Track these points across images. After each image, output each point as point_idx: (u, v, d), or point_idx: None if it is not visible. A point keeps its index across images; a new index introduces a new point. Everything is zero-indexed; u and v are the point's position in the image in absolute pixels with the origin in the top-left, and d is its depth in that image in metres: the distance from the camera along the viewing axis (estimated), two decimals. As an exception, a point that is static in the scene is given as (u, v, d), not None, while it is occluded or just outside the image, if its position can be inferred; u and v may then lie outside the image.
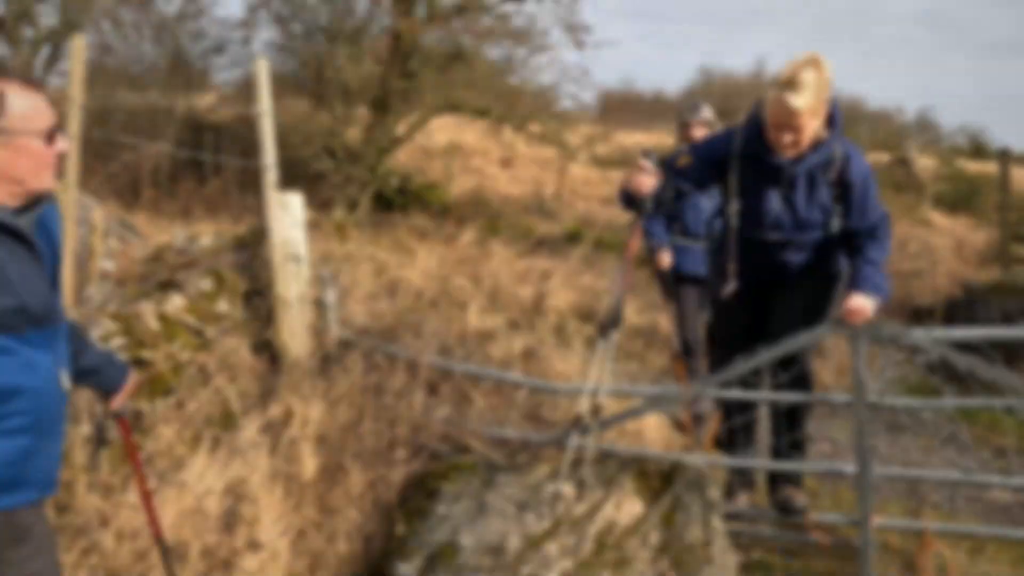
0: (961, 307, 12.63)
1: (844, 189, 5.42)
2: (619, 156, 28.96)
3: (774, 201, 5.54)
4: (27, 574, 3.29)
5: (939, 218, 24.32)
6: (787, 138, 5.22)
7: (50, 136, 3.23)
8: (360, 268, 11.04)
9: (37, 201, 3.29)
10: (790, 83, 5.08)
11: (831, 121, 5.38)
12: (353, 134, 20.10)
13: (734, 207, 5.71)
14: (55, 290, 3.40)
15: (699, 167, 5.71)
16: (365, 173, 19.55)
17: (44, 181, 3.27)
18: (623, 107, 43.96)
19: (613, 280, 6.09)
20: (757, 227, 5.66)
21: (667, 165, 5.74)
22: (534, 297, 12.68)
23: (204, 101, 24.37)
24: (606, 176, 26.76)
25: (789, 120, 5.14)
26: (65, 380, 3.41)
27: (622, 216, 20.83)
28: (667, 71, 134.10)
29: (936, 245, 19.01)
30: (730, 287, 5.75)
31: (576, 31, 19.92)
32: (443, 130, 25.55)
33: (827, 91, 5.22)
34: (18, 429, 3.16)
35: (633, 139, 32.18)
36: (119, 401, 4.04)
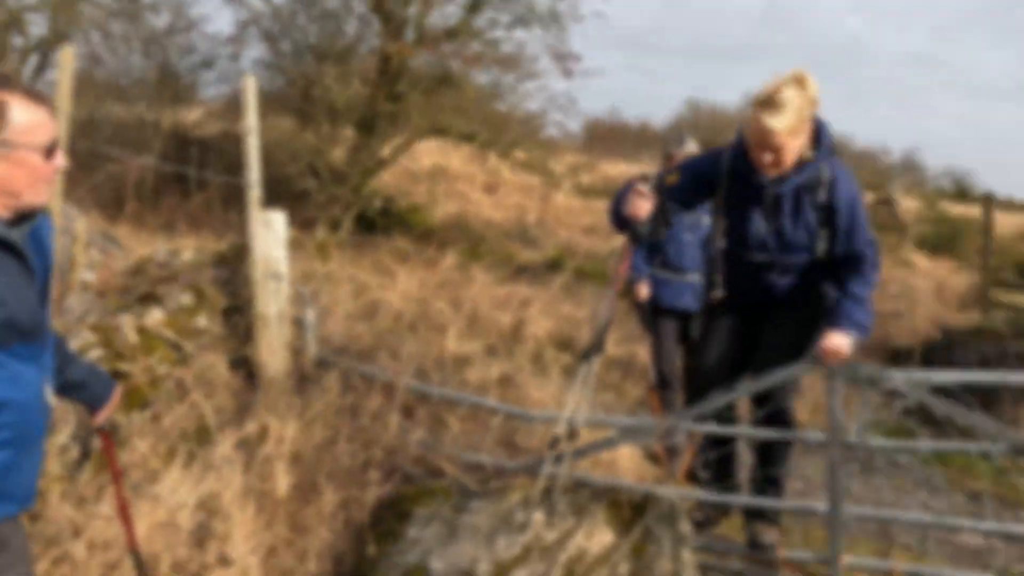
0: (939, 350, 12.69)
1: (829, 212, 5.35)
2: (603, 186, 29.04)
3: (759, 221, 5.51)
4: None
5: (921, 260, 24.43)
6: (767, 157, 5.18)
7: (50, 151, 3.21)
8: (340, 288, 11.08)
9: (31, 214, 3.27)
10: (768, 102, 5.06)
11: (818, 141, 5.33)
12: (338, 154, 20.08)
13: (720, 226, 5.73)
14: (45, 304, 3.39)
15: (687, 185, 5.68)
16: (349, 194, 19.52)
17: (40, 196, 3.24)
18: (609, 136, 44.04)
19: (600, 305, 6.11)
20: (743, 247, 5.63)
21: (656, 182, 5.68)
22: (513, 324, 12.71)
23: (191, 116, 24.39)
24: (589, 205, 26.82)
25: (767, 140, 5.10)
26: (49, 394, 3.40)
27: (603, 245, 20.91)
28: (654, 102, 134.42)
29: (917, 287, 19.10)
30: (718, 293, 5.76)
31: (564, 59, 20.02)
32: (428, 154, 25.59)
33: (810, 110, 5.16)
34: (2, 443, 3.16)
35: (618, 169, 32.24)
36: (104, 415, 4.05)
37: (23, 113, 3.12)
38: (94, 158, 15.82)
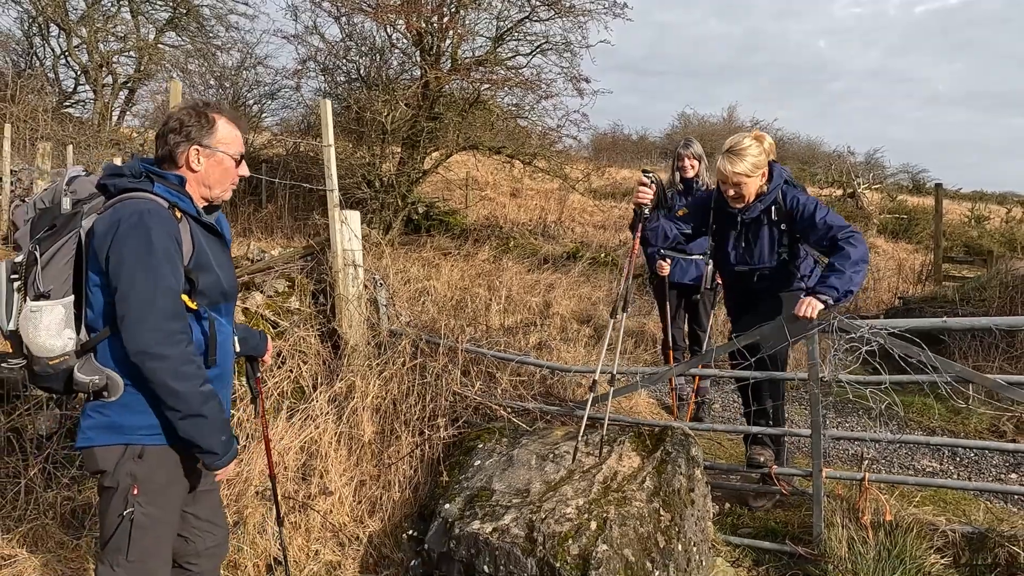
0: (899, 315, 12.93)
1: (789, 219, 5.94)
2: (611, 189, 29.28)
3: (733, 241, 6.22)
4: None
5: (883, 243, 24.64)
6: (731, 192, 5.93)
7: (239, 161, 3.69)
8: (395, 279, 11.40)
9: (215, 206, 3.74)
10: (730, 151, 5.84)
11: (770, 177, 5.97)
12: (387, 167, 20.40)
13: (713, 246, 6.48)
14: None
15: (693, 215, 6.39)
16: (397, 200, 19.89)
17: (225, 193, 3.73)
18: (612, 147, 44.28)
19: (622, 272, 6.53)
20: (728, 261, 6.32)
21: (670, 217, 6.41)
22: (541, 304, 13.02)
23: (259, 139, 24.73)
24: (600, 205, 27.07)
25: (728, 180, 5.87)
26: (237, 344, 3.91)
27: (613, 239, 21.04)
28: (651, 118, 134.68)
29: (880, 266, 19.34)
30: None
31: (577, 81, 20.34)
32: (460, 165, 25.88)
33: (764, 158, 5.90)
34: (211, 378, 3.55)
35: (621, 175, 32.47)
36: (267, 360, 4.58)
37: (226, 128, 3.64)
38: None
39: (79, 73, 30.17)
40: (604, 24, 25.42)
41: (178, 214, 3.44)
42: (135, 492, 3.41)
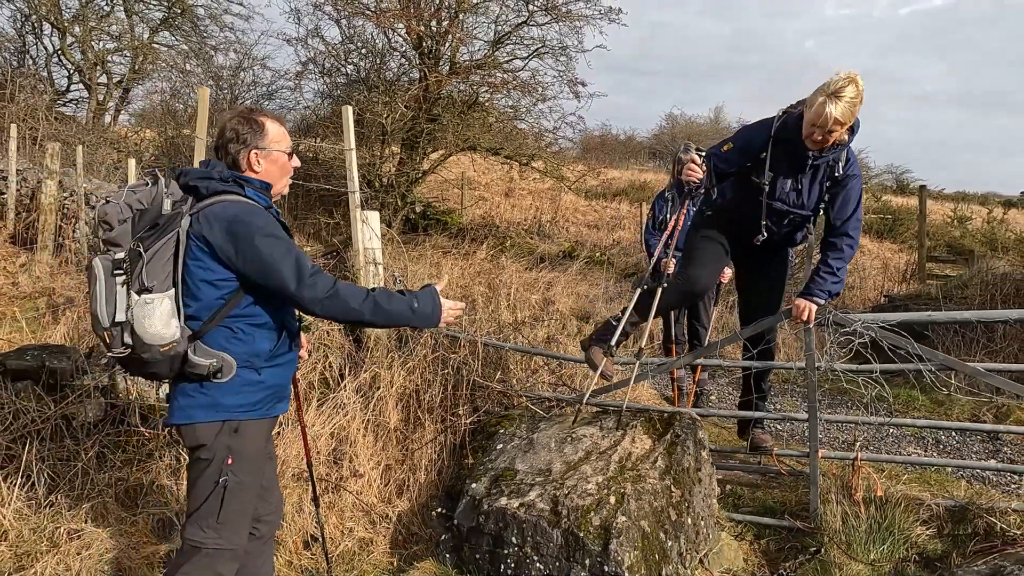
0: (885, 312, 13.39)
1: (836, 183, 5.83)
2: (602, 189, 29.68)
3: (787, 179, 5.94)
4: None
5: (868, 243, 25.09)
6: (818, 136, 5.58)
7: (290, 155, 4.06)
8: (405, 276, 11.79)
9: (270, 204, 4.08)
10: (835, 94, 5.42)
11: (852, 130, 5.73)
12: (387, 168, 20.74)
13: (761, 178, 6.00)
14: None
15: (739, 152, 6.08)
16: (397, 200, 20.22)
17: (284, 187, 4.12)
18: (601, 147, 44.68)
19: (656, 246, 6.76)
20: (771, 194, 6.01)
21: (714, 151, 6.18)
22: (542, 301, 13.40)
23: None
24: (592, 205, 27.48)
25: (824, 123, 5.48)
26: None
27: (606, 239, 21.35)
28: (644, 117, 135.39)
29: (866, 265, 19.80)
30: (760, 238, 6.13)
31: (574, 84, 20.77)
32: (456, 164, 26.22)
33: (859, 106, 5.58)
34: (287, 362, 4.04)
35: (611, 175, 32.89)
36: (304, 355, 4.76)
37: (273, 127, 3.98)
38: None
39: (72, 72, 30.40)
40: (599, 29, 25.80)
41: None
42: (229, 462, 3.83)
